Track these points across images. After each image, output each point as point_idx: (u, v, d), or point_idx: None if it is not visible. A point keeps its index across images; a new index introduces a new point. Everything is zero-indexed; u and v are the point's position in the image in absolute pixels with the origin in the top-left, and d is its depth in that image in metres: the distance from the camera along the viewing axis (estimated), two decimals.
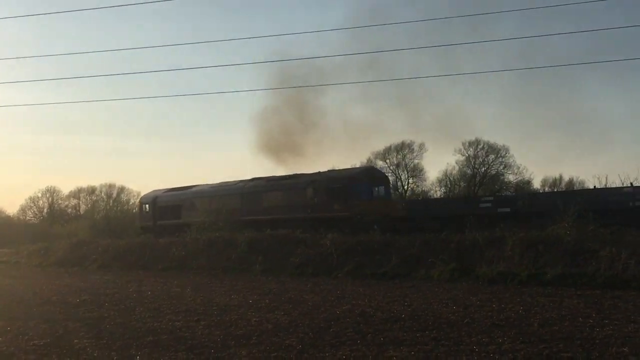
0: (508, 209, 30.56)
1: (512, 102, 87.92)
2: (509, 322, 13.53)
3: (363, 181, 37.19)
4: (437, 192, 66.87)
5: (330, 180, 37.55)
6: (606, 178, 51.40)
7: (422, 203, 45.14)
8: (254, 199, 40.60)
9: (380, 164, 67.50)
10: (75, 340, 13.01)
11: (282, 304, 17.56)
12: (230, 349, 11.61)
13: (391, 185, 45.97)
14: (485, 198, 38.59)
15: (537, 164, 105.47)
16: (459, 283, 21.49)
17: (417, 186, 67.98)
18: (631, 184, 32.41)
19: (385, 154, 67.60)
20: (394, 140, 69.01)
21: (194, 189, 46.87)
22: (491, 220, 27.39)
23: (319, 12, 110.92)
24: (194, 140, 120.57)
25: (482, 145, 65.38)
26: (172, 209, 46.42)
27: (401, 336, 12.30)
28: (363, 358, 10.62)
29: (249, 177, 43.43)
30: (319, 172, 39.76)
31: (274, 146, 55.66)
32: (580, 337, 11.74)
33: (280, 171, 57.75)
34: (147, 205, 49.30)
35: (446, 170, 67.83)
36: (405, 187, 67.26)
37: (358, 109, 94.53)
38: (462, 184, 66.74)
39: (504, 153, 64.58)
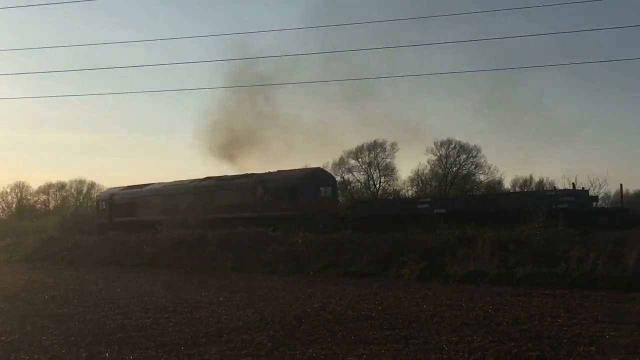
0: (443, 210, 31.80)
1: (481, 103, 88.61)
2: (478, 321, 13.62)
3: (310, 182, 38.30)
4: (409, 192, 67.13)
5: (279, 181, 38.66)
6: (576, 179, 51.87)
7: (366, 203, 47.00)
8: (206, 198, 41.50)
9: (352, 162, 67.67)
10: (43, 337, 12.88)
11: (253, 302, 17.53)
12: (201, 347, 11.56)
13: (337, 186, 47.54)
14: (423, 199, 40.42)
15: (508, 164, 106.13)
16: (429, 282, 21.59)
17: (389, 185, 68.19)
18: (554, 187, 33.62)
19: (357, 153, 67.70)
20: (366, 139, 69.09)
21: (148, 187, 47.96)
22: (427, 221, 28.84)
23: (278, 7, 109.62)
24: (165, 137, 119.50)
25: (453, 145, 65.74)
26: (127, 206, 47.47)
27: (371, 335, 12.33)
28: (333, 356, 10.63)
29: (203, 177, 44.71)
30: (269, 172, 40.89)
31: (230, 145, 55.56)
32: (549, 336, 11.85)
33: (240, 170, 57.48)
34: (103, 203, 50.58)
35: (418, 169, 68.08)
36: (377, 186, 67.42)
37: (319, 108, 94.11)
38: (433, 183, 67.05)
39: (476, 153, 65.00)
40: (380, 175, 67.84)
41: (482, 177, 65.42)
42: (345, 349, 11.04)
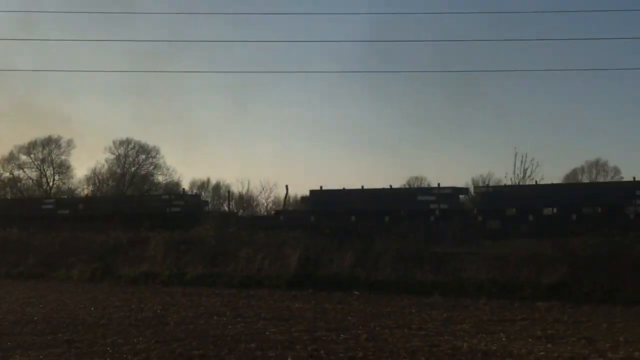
0: (67, 211, 33.03)
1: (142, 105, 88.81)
2: (146, 322, 13.58)
3: None
4: (85, 190, 64.98)
5: None
6: (249, 182, 54.89)
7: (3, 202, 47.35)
8: None
9: (23, 158, 63.80)
10: None
11: None
12: None
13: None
14: (48, 200, 41.24)
15: (190, 165, 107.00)
16: (100, 283, 21.20)
17: (64, 183, 65.41)
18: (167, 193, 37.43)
19: (29, 148, 63.96)
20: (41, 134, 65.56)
21: None
22: (51, 221, 30.01)
23: None
24: None
25: (133, 144, 64.98)
26: None
27: (31, 340, 11.70)
28: None
29: None
30: None
31: None
32: (214, 334, 12.18)
33: None
34: None
35: (95, 168, 66.16)
36: (51, 184, 64.33)
37: None
38: (111, 182, 65.64)
39: (155, 154, 64.90)
40: (54, 173, 64.85)
41: (160, 178, 65.56)
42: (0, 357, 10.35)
